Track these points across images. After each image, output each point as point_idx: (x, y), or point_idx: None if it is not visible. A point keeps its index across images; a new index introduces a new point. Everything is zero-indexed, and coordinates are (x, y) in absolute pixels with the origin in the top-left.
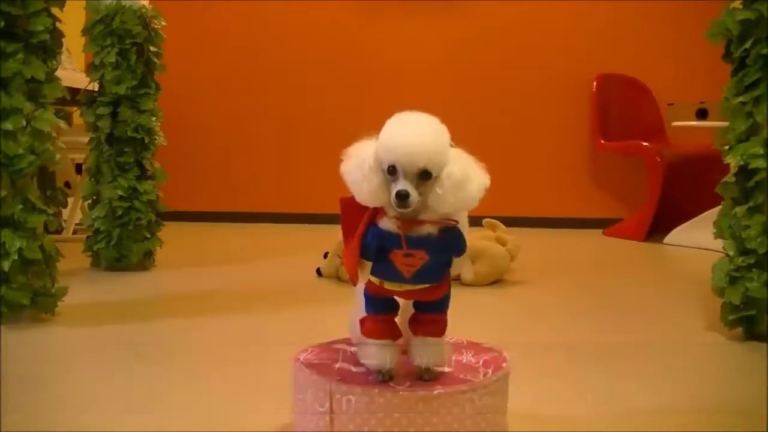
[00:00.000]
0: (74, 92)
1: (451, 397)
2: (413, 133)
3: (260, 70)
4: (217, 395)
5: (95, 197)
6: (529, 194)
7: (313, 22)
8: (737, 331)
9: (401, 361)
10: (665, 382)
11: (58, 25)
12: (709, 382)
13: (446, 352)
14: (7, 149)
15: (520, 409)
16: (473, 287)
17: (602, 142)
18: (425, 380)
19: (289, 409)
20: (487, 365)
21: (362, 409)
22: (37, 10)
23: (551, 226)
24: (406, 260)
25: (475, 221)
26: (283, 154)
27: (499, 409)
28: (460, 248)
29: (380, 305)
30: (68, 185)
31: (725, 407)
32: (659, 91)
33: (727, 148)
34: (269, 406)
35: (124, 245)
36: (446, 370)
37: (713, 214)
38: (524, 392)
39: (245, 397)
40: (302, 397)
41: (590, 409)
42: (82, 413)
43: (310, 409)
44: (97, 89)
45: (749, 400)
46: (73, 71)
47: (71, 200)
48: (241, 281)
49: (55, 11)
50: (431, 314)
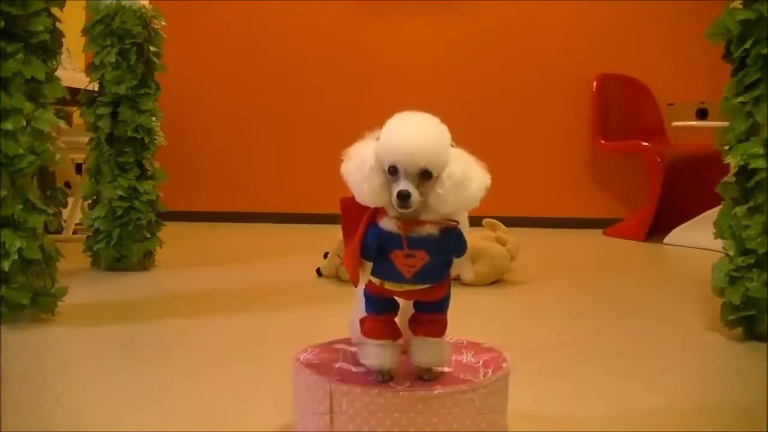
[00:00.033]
0: (74, 92)
1: (451, 397)
2: (414, 133)
3: (260, 70)
4: (217, 395)
5: (95, 197)
6: (529, 194)
7: (313, 22)
8: (737, 331)
9: (401, 361)
10: (665, 382)
11: (58, 25)
12: (709, 382)
13: (446, 352)
14: (7, 149)
15: (520, 409)
16: (473, 287)
17: (602, 142)
18: (425, 380)
19: (289, 409)
20: (487, 365)
21: (362, 409)
22: (37, 10)
23: (551, 226)
24: (406, 261)
25: (475, 221)
26: (283, 154)
27: (499, 409)
28: (460, 249)
29: (380, 305)
30: (68, 185)
31: (725, 407)
32: (659, 91)
33: (727, 148)
34: (269, 406)
35: (124, 245)
36: (446, 370)
37: (713, 214)
38: (524, 392)
39: (245, 397)
40: (302, 396)
41: (590, 409)
42: (82, 413)
43: (310, 409)
44: (97, 89)
45: (749, 400)
46: (73, 71)
47: (71, 200)
48: (241, 281)
49: (55, 11)
50: (431, 314)
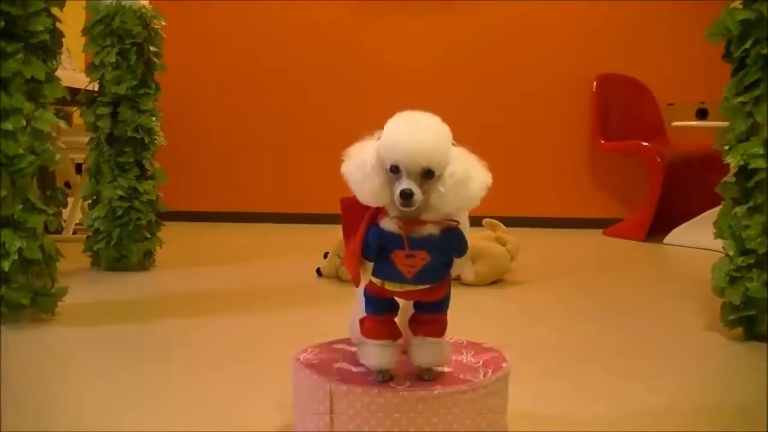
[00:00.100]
0: (74, 92)
1: (451, 397)
2: (416, 131)
3: (260, 70)
4: (217, 395)
5: (95, 197)
6: (529, 194)
7: (313, 22)
8: (737, 331)
9: (401, 361)
10: (665, 382)
11: (58, 25)
12: (709, 382)
13: (446, 352)
14: (7, 149)
15: (520, 409)
16: (473, 287)
17: (602, 142)
18: (425, 380)
19: (289, 409)
20: (487, 365)
21: (362, 409)
22: (37, 10)
23: (551, 226)
24: (407, 261)
25: (475, 221)
26: (283, 154)
27: (499, 409)
28: (461, 249)
29: (380, 305)
30: (68, 185)
31: (725, 407)
32: (659, 91)
33: (727, 148)
34: (269, 406)
35: (124, 245)
36: (446, 370)
37: (713, 214)
38: (524, 392)
39: (245, 397)
40: (302, 396)
41: (590, 409)
42: (82, 413)
43: (310, 409)
44: (97, 89)
45: (749, 400)
46: (73, 71)
47: (71, 200)
48: (241, 281)
49: (55, 11)
50: (431, 314)
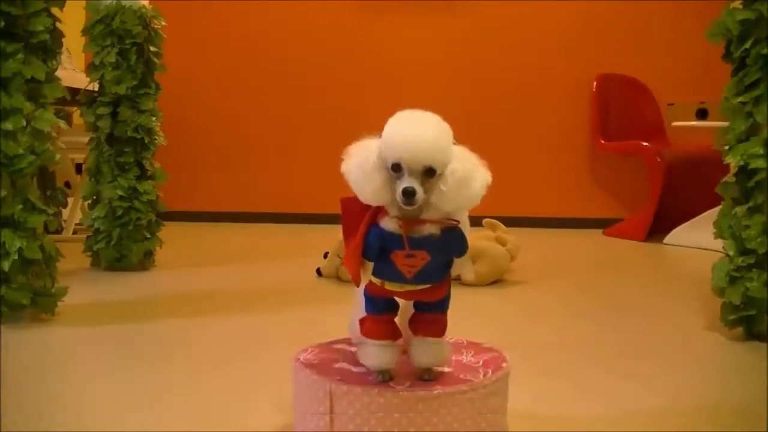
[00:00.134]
0: (74, 92)
1: (451, 397)
2: (418, 130)
3: (260, 70)
4: (217, 395)
5: (95, 197)
6: (529, 194)
7: (313, 22)
8: (737, 331)
9: (401, 361)
10: (665, 382)
11: (58, 25)
12: (709, 382)
13: (446, 352)
14: (7, 149)
15: (520, 409)
16: (473, 287)
17: (602, 142)
18: (425, 380)
19: (289, 409)
20: (487, 365)
21: (362, 409)
22: (37, 10)
23: (551, 226)
24: (407, 261)
25: (475, 221)
26: (283, 154)
27: (499, 409)
28: (461, 248)
29: (380, 305)
30: (68, 185)
31: (725, 407)
32: (659, 91)
33: (727, 148)
34: (269, 406)
35: (124, 245)
36: (446, 370)
37: (713, 214)
38: (524, 392)
39: (245, 397)
40: (302, 396)
41: (590, 409)
42: (82, 413)
43: (310, 409)
44: (97, 89)
45: (749, 400)
46: (73, 71)
47: (71, 200)
48: (241, 281)
49: (55, 11)
50: (431, 314)
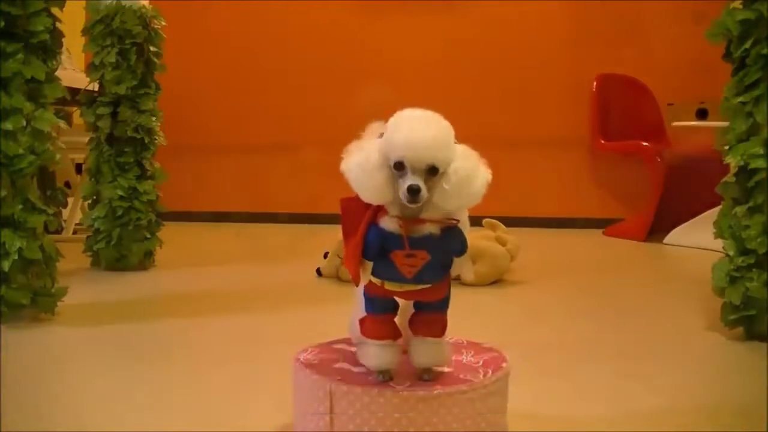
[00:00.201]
0: (74, 92)
1: (451, 397)
2: (421, 128)
3: (260, 70)
4: (217, 395)
5: (95, 197)
6: (529, 194)
7: (313, 22)
8: (737, 331)
9: (401, 361)
10: (665, 382)
11: (58, 25)
12: (709, 382)
13: (446, 352)
14: (7, 149)
15: (520, 409)
16: (473, 287)
17: (602, 142)
18: (425, 380)
19: (289, 409)
20: (487, 365)
21: (362, 409)
22: (37, 10)
23: (551, 226)
24: (407, 260)
25: (475, 221)
26: (283, 154)
27: (499, 409)
28: (461, 248)
29: (380, 305)
30: (68, 185)
31: (725, 407)
32: (659, 91)
33: (727, 148)
34: (269, 406)
35: (124, 245)
36: (446, 370)
37: (713, 214)
38: (524, 392)
39: (245, 397)
40: (302, 397)
41: (590, 409)
42: (82, 413)
43: (310, 409)
44: (97, 89)
45: (749, 400)
46: (73, 71)
47: (71, 200)
48: (241, 281)
49: (55, 11)
50: (431, 314)
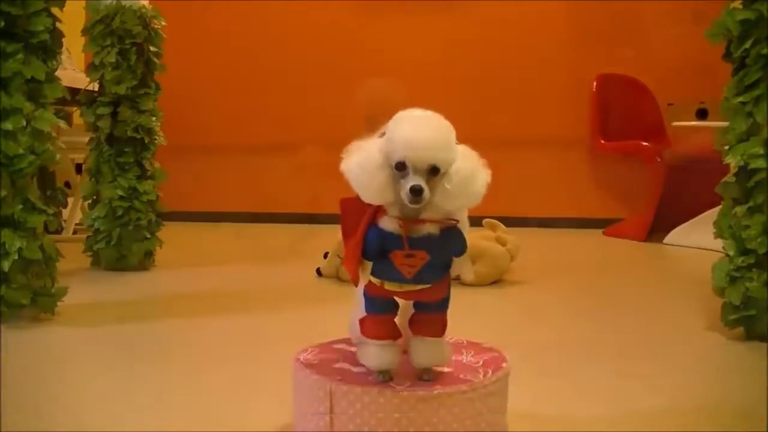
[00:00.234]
0: (74, 92)
1: (451, 397)
2: (423, 129)
3: (260, 70)
4: (217, 395)
5: (95, 197)
6: (529, 194)
7: (313, 22)
8: (737, 331)
9: (401, 361)
10: (665, 382)
11: (58, 25)
12: (709, 382)
13: (446, 352)
14: (7, 149)
15: (520, 409)
16: (473, 287)
17: (602, 142)
18: (425, 380)
19: (289, 409)
20: (487, 365)
21: (362, 409)
22: (37, 10)
23: (551, 226)
24: (407, 261)
25: (475, 221)
26: (283, 154)
27: (499, 409)
28: (460, 248)
29: (380, 305)
30: (68, 185)
31: (725, 407)
32: (659, 91)
33: (727, 148)
34: (269, 406)
35: (124, 245)
36: (446, 370)
37: (713, 214)
38: (524, 392)
39: (245, 397)
40: (302, 397)
41: (590, 409)
42: (82, 413)
43: (310, 409)
44: (97, 89)
45: (749, 400)
46: (73, 71)
47: (71, 200)
48: (241, 281)
49: (55, 11)
50: (431, 314)
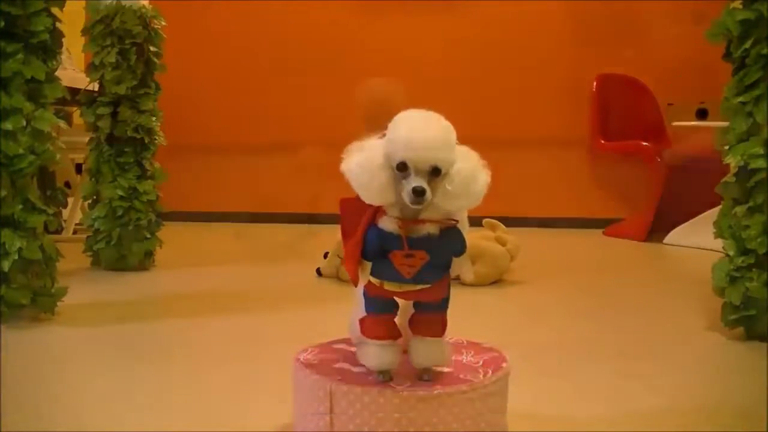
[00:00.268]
0: (74, 92)
1: (451, 397)
2: (425, 129)
3: (260, 70)
4: (217, 395)
5: (95, 197)
6: (529, 194)
7: (313, 22)
8: (737, 331)
9: (401, 361)
10: (665, 382)
11: (58, 25)
12: (709, 382)
13: (446, 352)
14: (7, 149)
15: (520, 409)
16: (473, 287)
17: (602, 142)
18: (425, 380)
19: (289, 409)
20: (487, 365)
21: (362, 409)
22: (37, 10)
23: (551, 226)
24: (406, 261)
25: (475, 221)
26: (283, 154)
27: (499, 409)
28: (460, 248)
29: (380, 305)
30: (68, 185)
31: (725, 407)
32: (659, 91)
33: (727, 148)
34: (269, 406)
35: (124, 245)
36: (446, 370)
37: (713, 214)
38: (524, 392)
39: (245, 397)
40: (302, 397)
41: (590, 409)
42: (82, 413)
43: (310, 409)
44: (97, 89)
45: (749, 400)
46: (73, 71)
47: (71, 200)
48: (241, 281)
49: (55, 11)
50: (431, 314)
